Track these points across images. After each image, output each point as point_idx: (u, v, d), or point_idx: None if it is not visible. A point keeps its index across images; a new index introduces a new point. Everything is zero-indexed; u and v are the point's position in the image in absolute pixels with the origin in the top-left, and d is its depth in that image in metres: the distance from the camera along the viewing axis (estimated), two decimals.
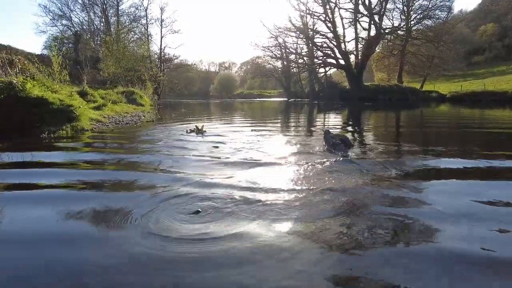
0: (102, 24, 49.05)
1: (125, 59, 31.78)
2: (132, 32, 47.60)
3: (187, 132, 6.55)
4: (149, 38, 48.41)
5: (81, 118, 7.16)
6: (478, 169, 3.72)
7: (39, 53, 35.88)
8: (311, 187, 2.92)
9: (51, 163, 4.05)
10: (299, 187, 2.95)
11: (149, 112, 16.12)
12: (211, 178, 3.25)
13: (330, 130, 5.17)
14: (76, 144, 5.57)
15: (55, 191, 2.97)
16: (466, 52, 45.86)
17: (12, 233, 2.11)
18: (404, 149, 5.11)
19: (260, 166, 3.78)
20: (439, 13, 36.73)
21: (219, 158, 4.26)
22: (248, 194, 2.73)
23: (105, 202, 2.57)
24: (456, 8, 75.46)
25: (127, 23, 48.34)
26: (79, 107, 7.36)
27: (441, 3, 36.16)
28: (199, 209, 2.37)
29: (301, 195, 2.74)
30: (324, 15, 36.26)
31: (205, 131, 6.42)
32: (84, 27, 49.79)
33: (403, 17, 37.16)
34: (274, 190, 2.85)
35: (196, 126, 6.51)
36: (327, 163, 3.80)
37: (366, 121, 11.84)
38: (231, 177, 3.30)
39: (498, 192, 2.83)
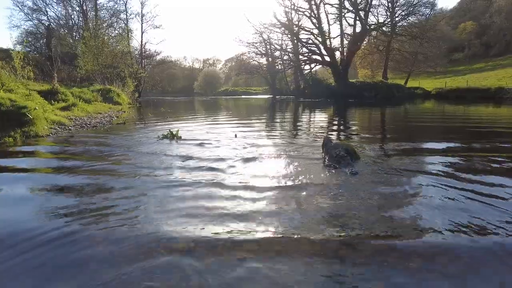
0: (80, 19, 46.78)
1: (103, 56, 30.39)
2: (111, 27, 45.84)
3: (159, 138, 5.66)
4: (129, 33, 46.58)
5: (36, 122, 6.16)
6: None
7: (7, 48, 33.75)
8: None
9: None
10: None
11: (124, 111, 15.05)
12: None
13: (331, 138, 4.43)
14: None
15: None
16: (446, 49, 46.47)
17: None
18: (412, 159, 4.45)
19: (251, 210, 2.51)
20: (423, 9, 36.88)
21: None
22: None
23: None
24: (437, 6, 76.48)
25: (106, 18, 46.43)
26: (35, 108, 6.35)
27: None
28: None
29: None
30: (309, 11, 35.67)
31: (180, 137, 5.56)
32: (61, 21, 47.38)
33: (388, 13, 37.07)
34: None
35: (169, 131, 5.63)
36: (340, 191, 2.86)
37: (359, 121, 11.27)
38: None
39: None
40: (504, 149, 4.92)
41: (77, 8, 46.41)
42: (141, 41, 48.62)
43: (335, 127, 8.42)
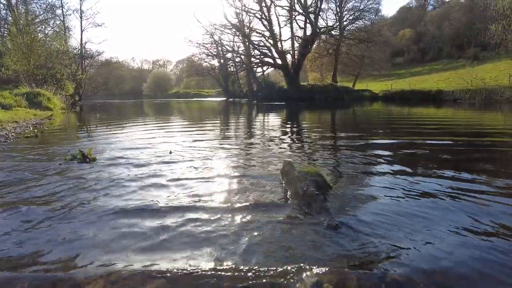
0: (8, 13, 41.33)
1: (34, 55, 26.99)
2: (45, 24, 41.36)
3: (65, 160, 4.34)
4: (67, 31, 42.42)
5: None
6: None
7: None
8: None
9: None
10: None
11: (51, 119, 12.98)
12: None
13: (292, 162, 3.40)
14: None
15: None
16: (389, 53, 49.56)
17: None
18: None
19: None
20: (369, 15, 38.84)
21: None
22: None
23: None
24: (381, 12, 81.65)
25: (39, 13, 41.79)
26: None
27: (371, 6, 38.25)
28: None
29: None
30: (260, 13, 35.41)
31: (94, 159, 4.31)
32: None
33: (337, 17, 38.32)
34: None
35: (79, 150, 4.32)
36: None
37: (314, 125, 10.77)
38: None
39: None
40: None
41: (3, 0, 41.05)
42: (81, 40, 44.64)
43: (291, 136, 7.70)
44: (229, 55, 44.10)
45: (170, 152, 4.83)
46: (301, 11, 35.48)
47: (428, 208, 2.61)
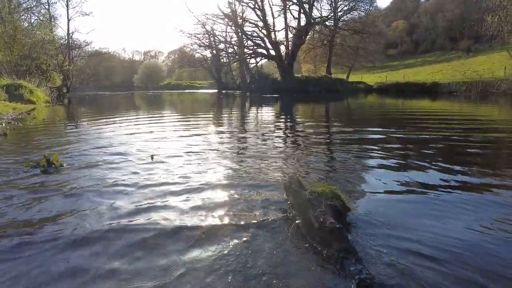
0: None
1: (17, 44, 25.80)
2: (30, 12, 39.75)
3: (28, 167, 3.73)
4: (53, 20, 40.84)
5: None
6: None
7: None
8: None
9: None
10: None
11: (31, 113, 12.24)
12: None
13: (301, 179, 2.57)
14: None
15: None
16: (383, 45, 49.05)
17: None
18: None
19: None
20: (363, 5, 38.17)
21: None
22: None
23: None
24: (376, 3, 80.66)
25: (23, 1, 40.14)
26: None
27: None
28: None
29: None
30: (253, 2, 34.52)
31: (61, 165, 3.73)
32: None
33: (331, 7, 37.59)
34: None
35: (44, 156, 3.73)
36: None
37: (312, 123, 10.32)
38: None
39: None
40: None
41: None
42: (68, 30, 43.11)
43: (290, 133, 7.20)
44: (221, 45, 43.20)
45: (152, 158, 4.23)
46: (295, 0, 34.66)
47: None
